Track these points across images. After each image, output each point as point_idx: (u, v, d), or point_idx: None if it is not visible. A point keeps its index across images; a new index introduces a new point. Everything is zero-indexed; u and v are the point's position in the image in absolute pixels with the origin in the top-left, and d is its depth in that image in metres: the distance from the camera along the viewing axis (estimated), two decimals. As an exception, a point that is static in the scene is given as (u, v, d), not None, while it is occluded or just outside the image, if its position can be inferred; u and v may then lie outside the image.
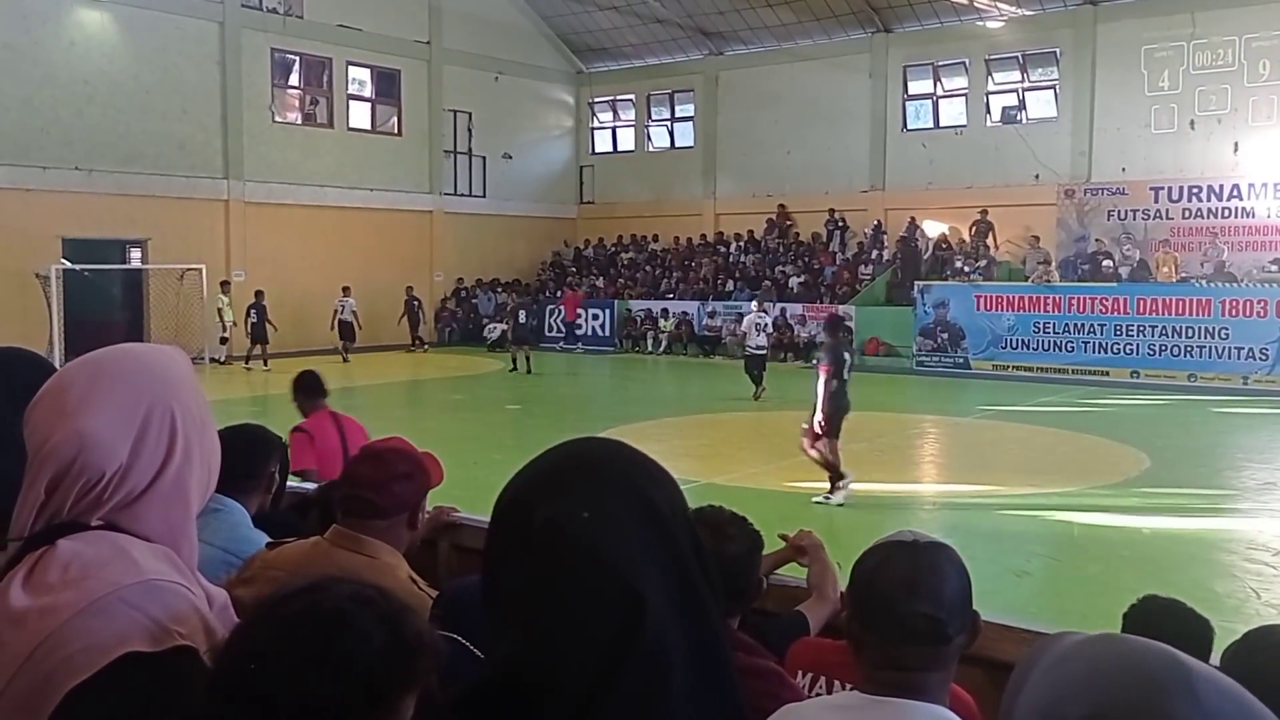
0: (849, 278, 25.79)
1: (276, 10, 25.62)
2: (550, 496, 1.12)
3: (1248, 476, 11.67)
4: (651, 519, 1.11)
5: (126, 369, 1.38)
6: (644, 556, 1.08)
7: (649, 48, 30.81)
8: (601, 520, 1.09)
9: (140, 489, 1.32)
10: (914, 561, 1.60)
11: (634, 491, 1.13)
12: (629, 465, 1.16)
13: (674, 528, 1.12)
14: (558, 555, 1.08)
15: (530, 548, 1.10)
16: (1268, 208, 21.56)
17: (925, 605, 1.55)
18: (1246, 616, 6.71)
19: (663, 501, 1.13)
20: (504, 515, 1.16)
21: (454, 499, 3.41)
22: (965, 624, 1.61)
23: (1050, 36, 24.56)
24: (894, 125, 26.88)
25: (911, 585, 1.57)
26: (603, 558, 1.07)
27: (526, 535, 1.11)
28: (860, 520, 9.40)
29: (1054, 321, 20.94)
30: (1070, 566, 8.61)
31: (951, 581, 1.60)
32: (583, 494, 1.11)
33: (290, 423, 5.70)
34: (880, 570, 1.62)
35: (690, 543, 1.13)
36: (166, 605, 1.27)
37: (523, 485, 1.17)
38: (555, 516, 1.10)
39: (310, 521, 3.00)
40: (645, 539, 1.09)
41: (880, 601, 1.58)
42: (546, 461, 1.18)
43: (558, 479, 1.14)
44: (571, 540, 1.08)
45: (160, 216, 23.27)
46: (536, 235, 31.74)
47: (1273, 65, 21.73)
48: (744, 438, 14.78)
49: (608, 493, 1.12)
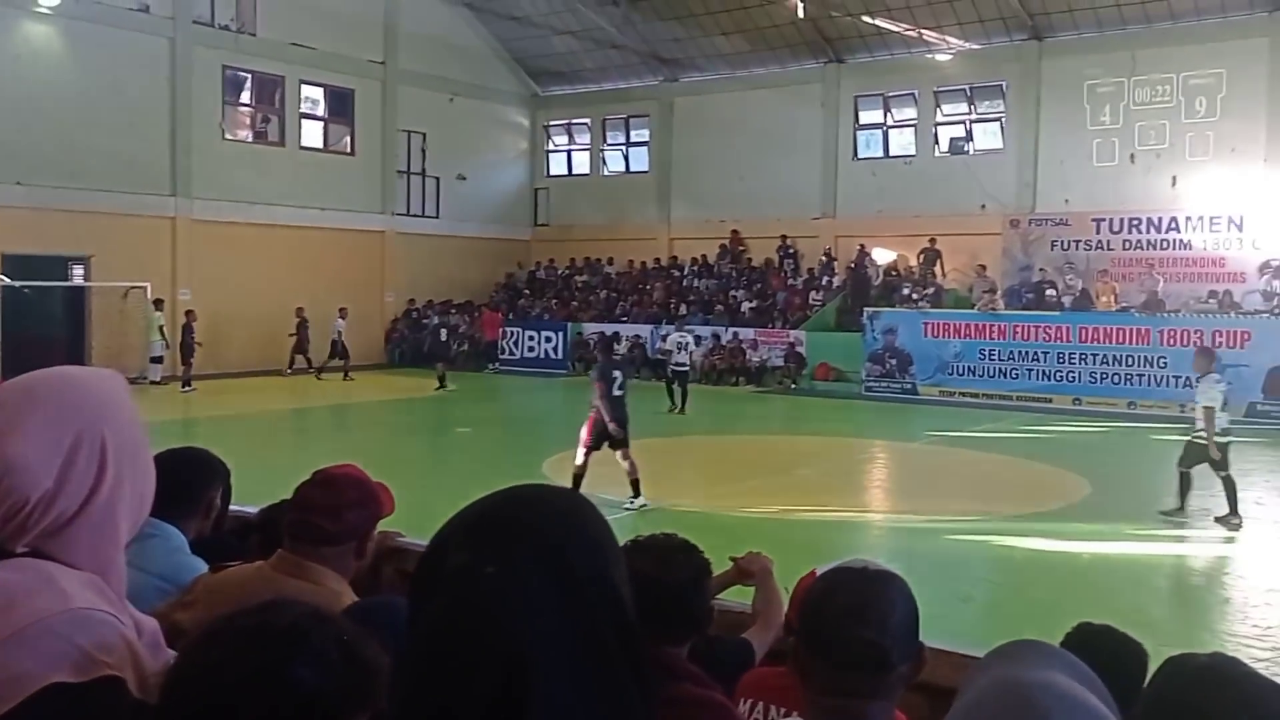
0: (800, 303, 26.02)
1: (229, 27, 25.40)
2: (465, 545, 1.09)
3: (1185, 502, 11.88)
4: (567, 587, 1.07)
5: (59, 392, 1.35)
6: (546, 623, 1.04)
7: (605, 73, 30.98)
8: (505, 577, 1.05)
9: (68, 516, 1.30)
10: (861, 589, 1.61)
11: (555, 555, 1.08)
12: (559, 527, 1.12)
13: (594, 602, 1.08)
14: (454, 606, 1.05)
15: (436, 594, 1.08)
16: (1204, 240, 22.13)
17: (870, 632, 1.55)
18: (1183, 641, 6.82)
19: (586, 571, 1.09)
20: (424, 558, 1.13)
21: (399, 524, 3.38)
22: (910, 653, 1.61)
23: (997, 70, 25.07)
24: (845, 154, 27.24)
25: (858, 612, 1.58)
26: (493, 615, 1.04)
27: (435, 581, 1.08)
28: (808, 543, 9.44)
29: (999, 349, 21.28)
30: (1013, 591, 8.73)
31: (898, 611, 1.60)
32: (496, 547, 1.08)
33: (228, 449, 5.62)
34: (828, 597, 1.63)
35: (612, 620, 1.09)
36: (94, 635, 1.24)
37: (447, 530, 1.14)
38: (462, 566, 1.07)
39: (251, 546, 2.96)
40: (553, 606, 1.05)
41: (826, 627, 1.59)
42: (476, 508, 1.15)
43: (478, 528, 1.11)
44: (468, 592, 1.05)
45: (105, 233, 22.86)
46: (490, 257, 31.64)
47: (1209, 103, 22.36)
48: (692, 461, 14.81)
49: (523, 551, 1.08)
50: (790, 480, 13.23)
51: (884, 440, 17.01)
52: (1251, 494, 12.83)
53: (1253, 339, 18.94)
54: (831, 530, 10.58)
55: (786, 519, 10.80)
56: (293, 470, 2.92)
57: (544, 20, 29.40)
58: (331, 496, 2.34)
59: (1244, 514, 10.46)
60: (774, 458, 15.12)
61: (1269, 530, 10.86)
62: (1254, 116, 21.84)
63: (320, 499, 2.34)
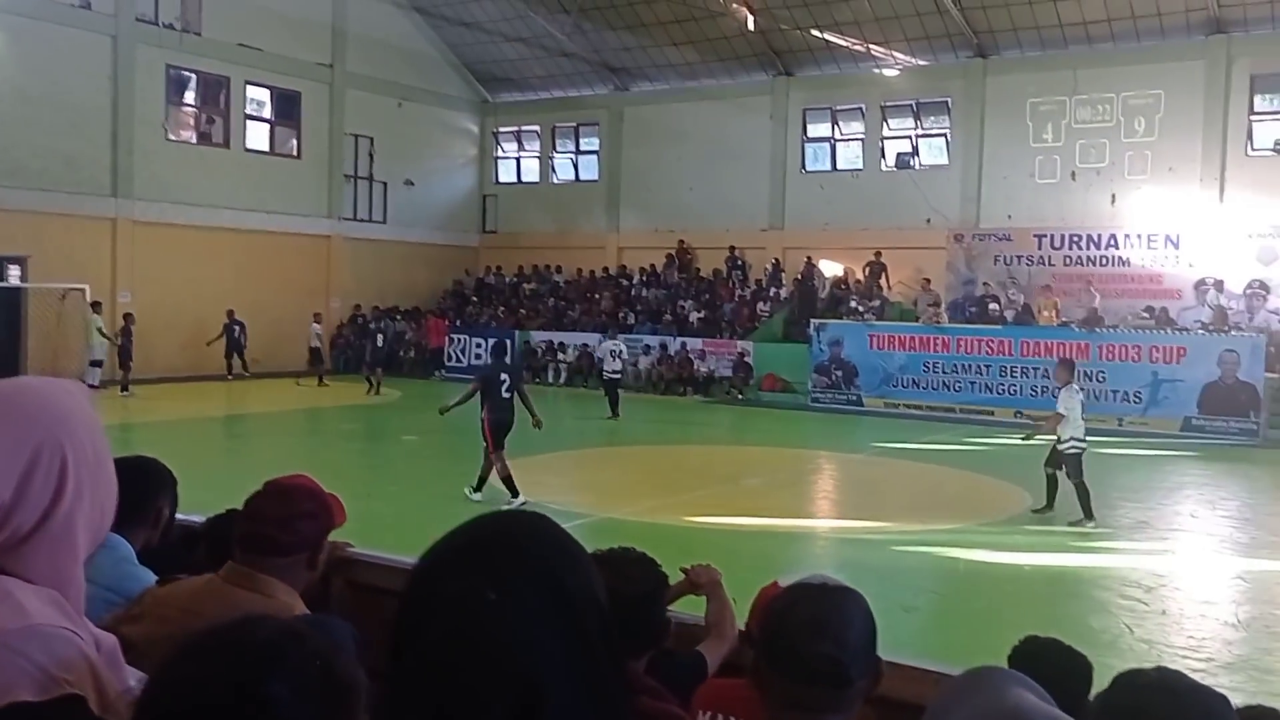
0: (748, 314, 26.18)
1: (173, 26, 24.99)
2: (459, 573, 1.10)
3: (1122, 515, 12.14)
4: (561, 604, 1.10)
5: (18, 403, 1.32)
6: (549, 642, 1.07)
7: (555, 80, 30.97)
8: (506, 602, 1.07)
9: (25, 530, 1.27)
10: (820, 604, 1.64)
11: (546, 574, 1.11)
12: (544, 547, 1.15)
13: (585, 615, 1.11)
14: (458, 634, 1.06)
15: (434, 624, 1.08)
16: (1142, 257, 22.64)
17: (828, 647, 1.58)
18: (1120, 651, 6.98)
19: (575, 587, 1.12)
20: (413, 587, 1.13)
21: (348, 534, 3.35)
22: (868, 668, 1.64)
23: (942, 87, 25.48)
24: (793, 166, 27.49)
25: (817, 627, 1.60)
26: (502, 641, 1.05)
27: (431, 611, 1.09)
28: (756, 554, 9.50)
29: (943, 361, 21.59)
30: (956, 601, 8.85)
31: (856, 626, 1.63)
32: (492, 573, 1.09)
33: (169, 456, 5.53)
34: (788, 612, 1.65)
35: (599, 630, 1.12)
36: (54, 652, 1.22)
37: (435, 558, 1.15)
38: (460, 594, 1.08)
39: (198, 556, 2.91)
40: (552, 625, 1.08)
41: (785, 642, 1.61)
42: (462, 535, 1.16)
43: (469, 555, 1.12)
44: (472, 620, 1.06)
45: (42, 233, 22.36)
46: (438, 263, 31.44)
47: (1148, 123, 22.92)
48: (641, 472, 14.82)
49: (518, 574, 1.10)
50: (737, 490, 13.30)
51: (829, 451, 17.16)
52: (1185, 507, 13.17)
53: (1188, 355, 19.41)
54: (778, 541, 10.65)
55: (734, 529, 10.85)
56: (236, 477, 2.89)
57: (494, 27, 29.34)
58: (284, 507, 2.32)
59: (1100, 519, 11.15)
60: (721, 468, 15.19)
61: (1203, 543, 11.13)
62: (1191, 137, 22.42)
63: (272, 510, 2.31)
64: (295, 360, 25.88)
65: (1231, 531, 11.56)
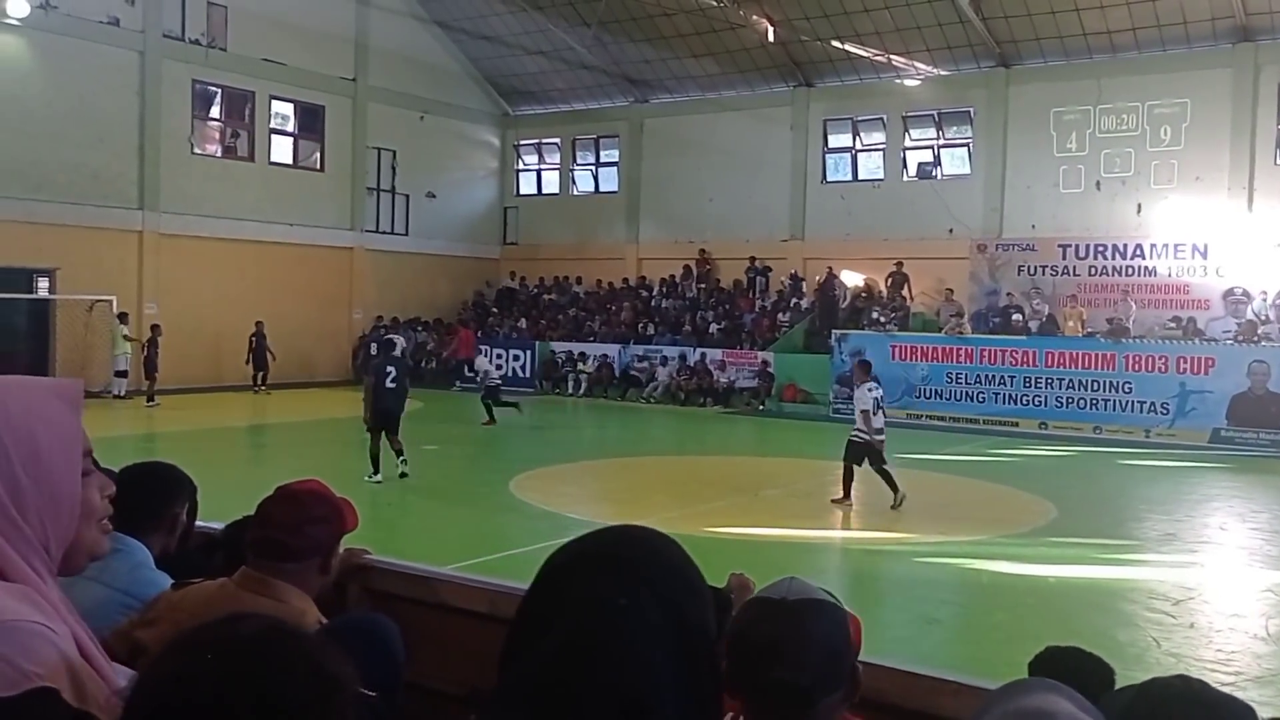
0: (768, 325, 26.12)
1: (199, 41, 25.26)
2: (595, 573, 1.15)
3: (1149, 527, 12.02)
4: (678, 627, 1.14)
5: None
6: (662, 662, 1.10)
7: (575, 93, 31.07)
8: (634, 611, 1.12)
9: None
10: (777, 624, 1.54)
11: (670, 595, 1.16)
12: (672, 568, 1.20)
13: (696, 640, 1.16)
14: (585, 634, 1.11)
15: (562, 621, 1.12)
16: (1168, 267, 22.44)
17: (785, 672, 1.50)
18: (1147, 665, 6.88)
19: (692, 612, 1.17)
20: (546, 579, 1.18)
21: (367, 540, 3.34)
22: (836, 683, 1.56)
23: (965, 96, 25.38)
24: (814, 177, 27.44)
25: (773, 649, 1.52)
26: (623, 651, 1.10)
27: (561, 608, 1.14)
28: (775, 565, 9.44)
29: (966, 372, 21.45)
30: (979, 614, 8.76)
31: (816, 643, 1.54)
32: (624, 581, 1.14)
33: (191, 464, 5.55)
34: (746, 632, 1.56)
35: (706, 657, 1.17)
36: (23, 645, 1.22)
37: (574, 555, 1.20)
38: (592, 597, 1.13)
39: (216, 563, 2.91)
40: (667, 645, 1.12)
41: (743, 665, 1.53)
42: (598, 539, 1.21)
43: (605, 560, 1.18)
44: (602, 623, 1.11)
45: (70, 246, 22.61)
46: (459, 275, 31.58)
47: (1174, 131, 22.75)
48: (661, 482, 14.79)
49: (647, 588, 1.14)
50: (757, 501, 13.25)
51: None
52: (1214, 519, 13.02)
53: (1217, 365, 19.21)
54: (798, 551, 10.60)
55: (753, 540, 10.80)
56: (256, 485, 2.89)
57: (515, 40, 29.47)
58: (294, 512, 2.31)
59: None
60: (741, 478, 15.13)
61: (1232, 556, 10.99)
62: (1218, 146, 22.23)
63: (283, 514, 2.31)
64: (318, 371, 26.02)
65: (1262, 544, 11.40)
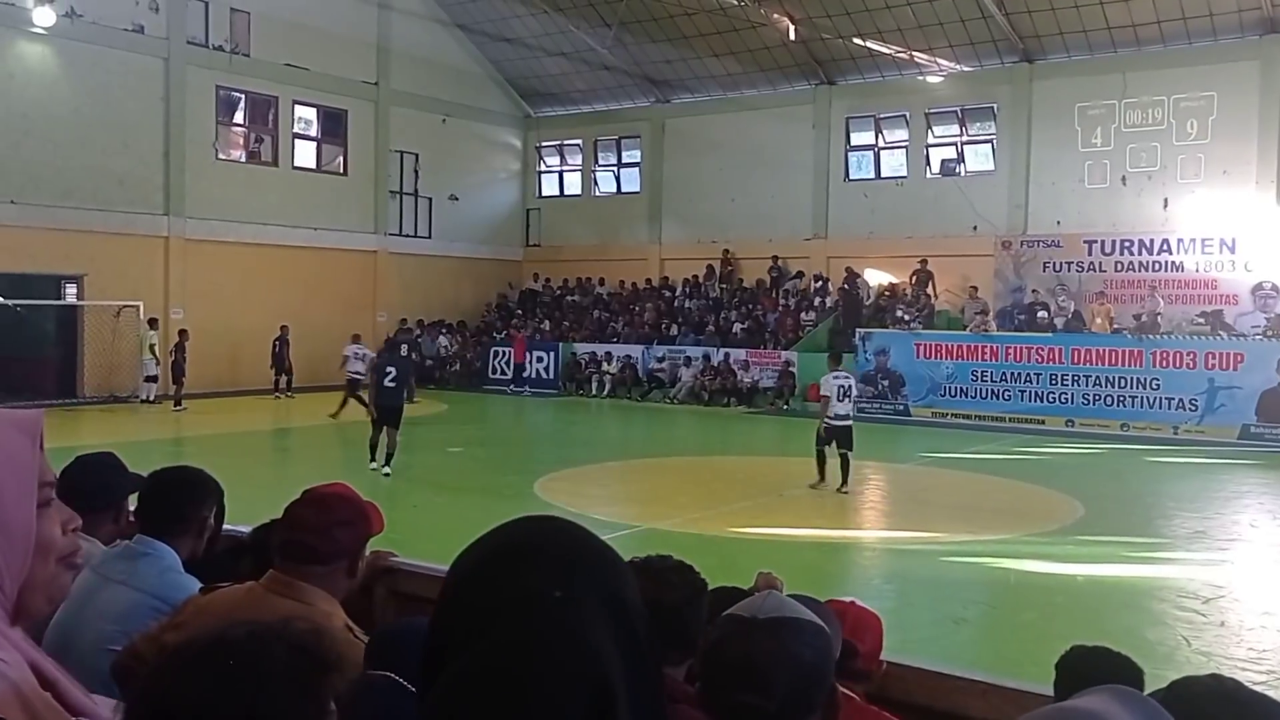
0: (791, 324, 26.04)
1: (223, 48, 25.45)
2: (521, 570, 1.07)
3: (1179, 525, 11.90)
4: (617, 610, 1.08)
5: None
6: (609, 644, 1.05)
7: (596, 94, 31.10)
8: (572, 601, 1.05)
9: None
10: (746, 645, 1.51)
11: (602, 579, 1.10)
12: (596, 553, 1.13)
13: (636, 623, 1.10)
14: (527, 633, 1.03)
15: (497, 625, 1.05)
16: (1196, 262, 22.20)
17: (751, 696, 1.48)
18: (1177, 664, 6.82)
19: (628, 595, 1.11)
20: (465, 584, 1.10)
21: (392, 543, 3.36)
22: (809, 708, 1.52)
23: (988, 92, 25.23)
24: (836, 175, 27.34)
25: (741, 673, 1.49)
26: (575, 641, 1.03)
27: (492, 612, 1.06)
28: (801, 565, 9.42)
29: (991, 370, 21.32)
30: (1006, 613, 8.70)
31: (785, 666, 1.49)
32: (555, 572, 1.07)
33: (218, 468, 5.59)
34: (716, 651, 1.55)
35: (647, 639, 1.11)
36: None
37: (489, 554, 1.11)
38: (527, 592, 1.05)
39: (244, 566, 2.93)
40: (611, 629, 1.06)
41: (713, 683, 1.53)
42: (510, 536, 1.13)
43: (525, 557, 1.09)
44: (543, 618, 1.04)
45: (97, 252, 22.83)
46: (482, 277, 31.67)
47: (1200, 125, 22.51)
48: (686, 483, 14.77)
49: (579, 576, 1.08)
50: (782, 501, 13.21)
51: (876, 461, 16.97)
52: (1244, 516, 12.88)
53: (1246, 361, 19.01)
54: (824, 551, 10.56)
55: (779, 540, 10.77)
56: (281, 489, 2.91)
57: (536, 42, 29.53)
58: (321, 515, 2.32)
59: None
60: (765, 478, 15.10)
61: (1263, 553, 10.87)
62: (1245, 139, 21.98)
63: (310, 518, 2.32)
64: (343, 374, 26.08)
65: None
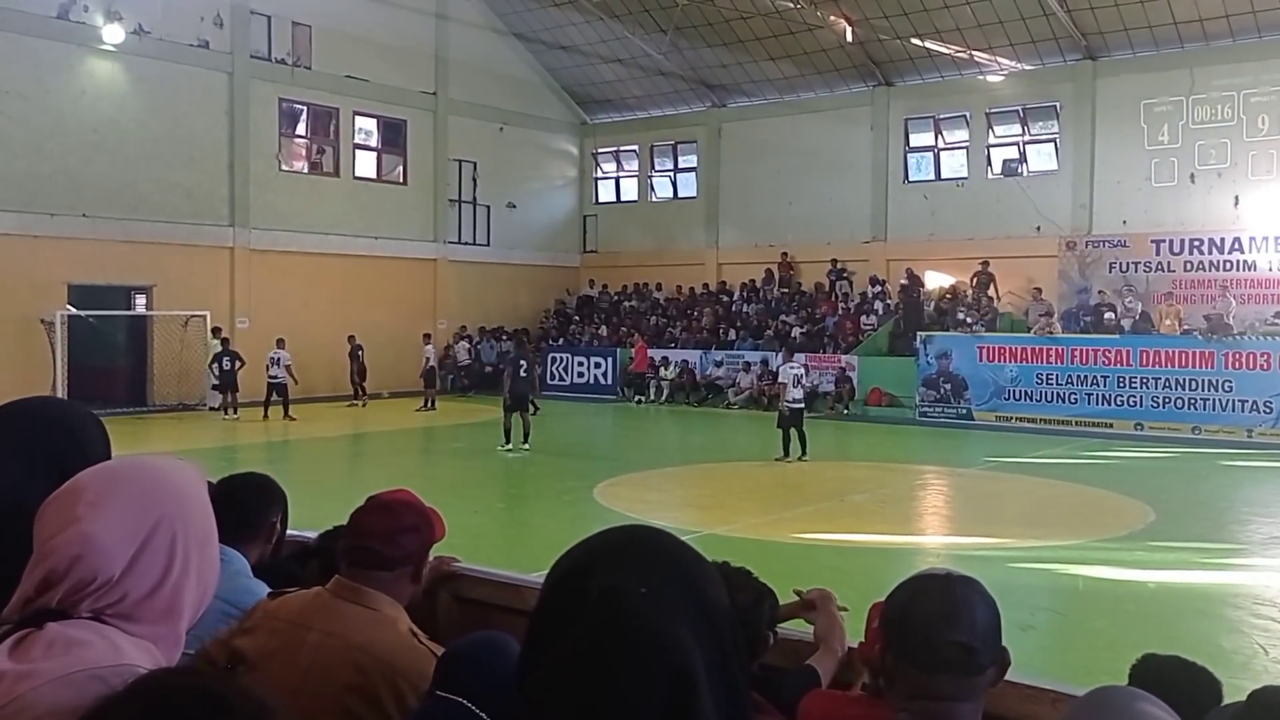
0: (851, 328, 25.82)
1: (285, 61, 25.94)
2: (609, 568, 1.15)
3: (1254, 530, 11.60)
4: (702, 608, 1.14)
5: (140, 480, 1.42)
6: (693, 642, 1.10)
7: (652, 100, 31.15)
8: (657, 598, 1.11)
9: (134, 599, 1.35)
10: (947, 594, 1.66)
11: (689, 579, 1.16)
12: (684, 555, 1.20)
13: (721, 622, 1.16)
14: (612, 625, 1.09)
15: (584, 616, 1.11)
16: (1269, 261, 21.62)
17: (960, 634, 1.60)
18: (1254, 673, 6.63)
19: (715, 597, 1.17)
20: (560, 582, 1.18)
21: (455, 548, 3.38)
22: (996, 656, 1.66)
23: (1050, 91, 24.82)
24: (895, 177, 27.07)
25: (946, 616, 1.62)
26: (657, 634, 1.08)
27: (582, 604, 1.12)
28: (863, 571, 9.33)
29: (1057, 373, 20.93)
30: (1075, 621, 8.53)
31: (982, 614, 1.66)
32: (641, 571, 1.14)
33: (276, 471, 5.68)
34: (915, 602, 1.67)
35: (733, 641, 1.16)
36: None
37: (582, 554, 1.20)
38: (613, 587, 1.12)
39: (310, 571, 2.98)
40: (695, 626, 1.11)
41: (915, 632, 1.63)
42: (606, 537, 1.21)
43: (617, 554, 1.18)
44: (627, 612, 1.10)
45: (165, 263, 23.39)
46: (540, 284, 31.89)
47: (1271, 120, 21.93)
48: (746, 488, 14.71)
49: (664, 575, 1.15)
50: (843, 506, 13.10)
51: (939, 466, 16.78)
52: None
53: (1321, 361, 18.45)
54: (887, 557, 10.44)
55: (840, 546, 10.68)
56: (346, 495, 2.94)
57: (592, 49, 29.66)
58: (387, 521, 2.35)
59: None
60: (826, 484, 14.98)
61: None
62: (1318, 134, 21.38)
63: (375, 524, 2.35)
64: (405, 381, 26.44)
65: (1374, 547, 10.92)
